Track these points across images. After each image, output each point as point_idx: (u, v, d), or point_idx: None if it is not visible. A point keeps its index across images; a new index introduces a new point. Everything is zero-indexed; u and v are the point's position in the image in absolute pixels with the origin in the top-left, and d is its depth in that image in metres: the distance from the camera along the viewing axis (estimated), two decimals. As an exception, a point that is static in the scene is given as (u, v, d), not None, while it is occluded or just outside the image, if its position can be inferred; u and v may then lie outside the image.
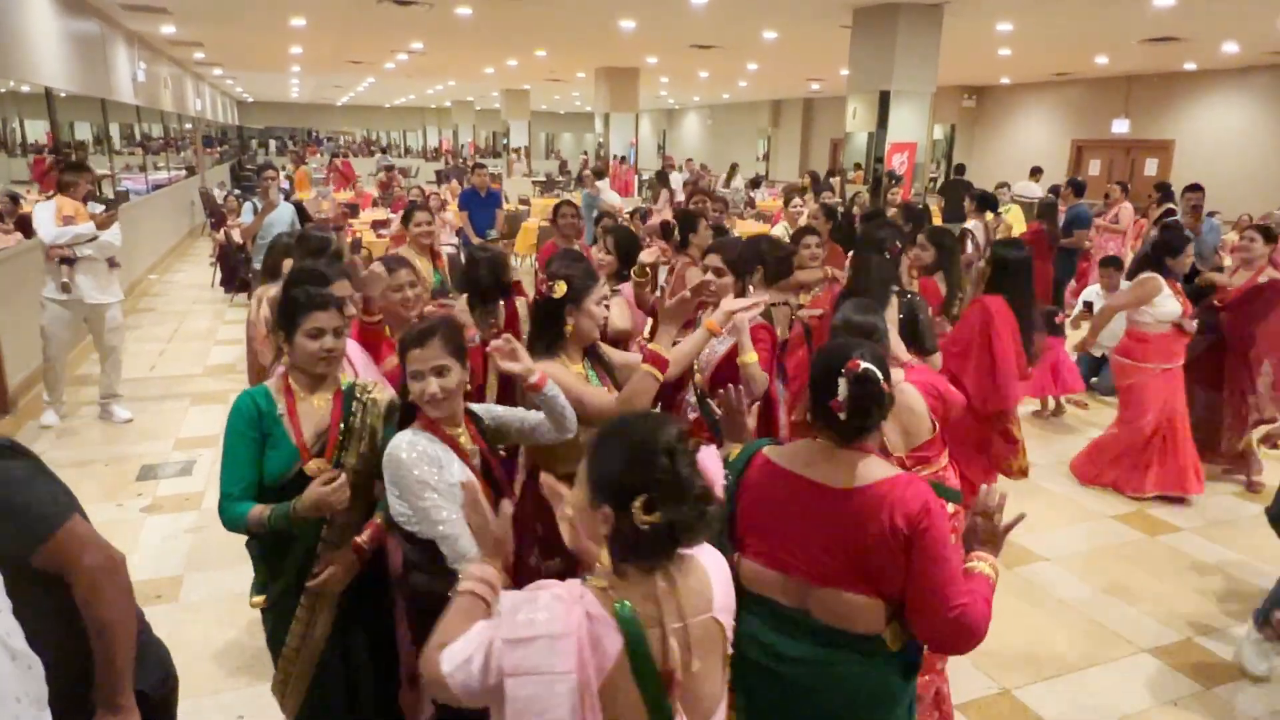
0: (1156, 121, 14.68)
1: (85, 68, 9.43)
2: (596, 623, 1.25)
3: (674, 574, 1.33)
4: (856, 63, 9.97)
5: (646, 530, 1.27)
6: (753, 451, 1.85)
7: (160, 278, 11.39)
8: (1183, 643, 3.49)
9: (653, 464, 1.29)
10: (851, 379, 1.65)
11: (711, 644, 1.36)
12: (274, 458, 2.13)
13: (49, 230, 5.22)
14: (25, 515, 1.47)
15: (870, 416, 1.69)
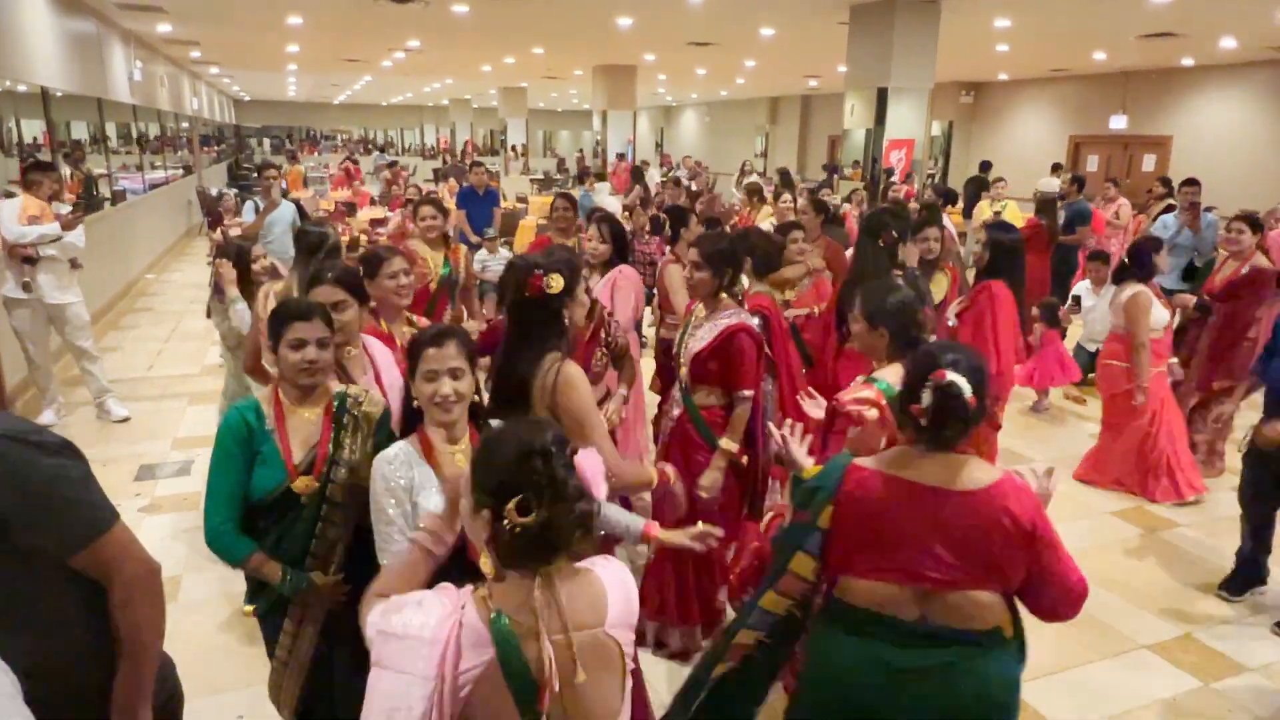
0: (1154, 117, 14.68)
1: (81, 67, 9.41)
2: (468, 631, 1.27)
3: (556, 584, 1.32)
4: (854, 59, 9.96)
5: (521, 533, 1.28)
6: (842, 467, 1.81)
7: (157, 277, 11.37)
8: (1182, 639, 3.50)
9: (528, 466, 1.30)
10: (935, 388, 1.68)
11: (601, 659, 1.33)
12: (263, 474, 2.08)
13: (12, 229, 5.16)
14: (74, 516, 1.47)
15: (948, 428, 1.71)
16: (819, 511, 1.80)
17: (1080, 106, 16.13)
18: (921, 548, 1.72)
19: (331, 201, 12.77)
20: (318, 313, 2.16)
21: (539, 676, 1.26)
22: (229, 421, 2.11)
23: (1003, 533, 1.70)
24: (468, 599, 1.32)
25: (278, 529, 2.11)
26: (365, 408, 2.21)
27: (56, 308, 5.51)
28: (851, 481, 1.79)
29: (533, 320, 2.33)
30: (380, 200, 13.72)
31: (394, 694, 1.25)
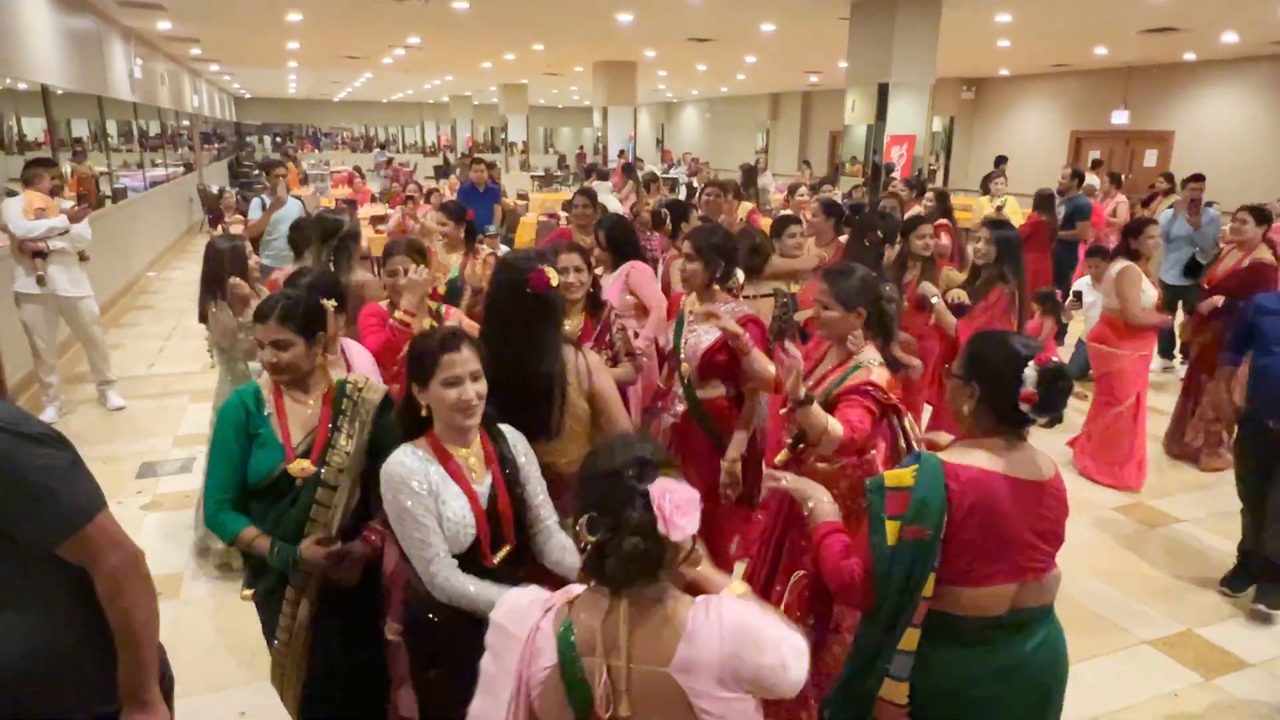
0: (1156, 112, 14.65)
1: (82, 65, 9.40)
2: (542, 635, 1.30)
3: (634, 612, 1.27)
4: (855, 55, 9.94)
5: (588, 550, 1.27)
6: (938, 468, 1.71)
7: (158, 275, 11.37)
8: (1183, 634, 3.50)
9: (599, 483, 1.29)
10: (1041, 372, 1.66)
11: (657, 699, 1.25)
12: (260, 457, 2.12)
13: (20, 224, 5.22)
14: (59, 505, 1.48)
15: (1060, 408, 1.72)
16: (939, 522, 1.68)
17: (1081, 101, 16.09)
18: (1025, 542, 1.74)
19: (332, 199, 12.76)
20: (274, 315, 2.15)
21: (595, 691, 1.25)
22: (227, 407, 2.16)
23: (1064, 515, 1.82)
24: (557, 603, 1.33)
25: (275, 511, 2.13)
26: (365, 394, 2.24)
27: (69, 301, 5.59)
28: (963, 484, 1.69)
29: (538, 316, 2.33)
30: (381, 197, 13.71)
31: (491, 675, 1.34)
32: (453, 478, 1.88)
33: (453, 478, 1.88)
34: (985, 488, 1.69)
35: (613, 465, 1.29)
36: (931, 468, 1.72)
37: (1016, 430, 1.75)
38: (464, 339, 1.93)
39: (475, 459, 1.94)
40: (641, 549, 1.24)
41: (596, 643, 1.26)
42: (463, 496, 1.87)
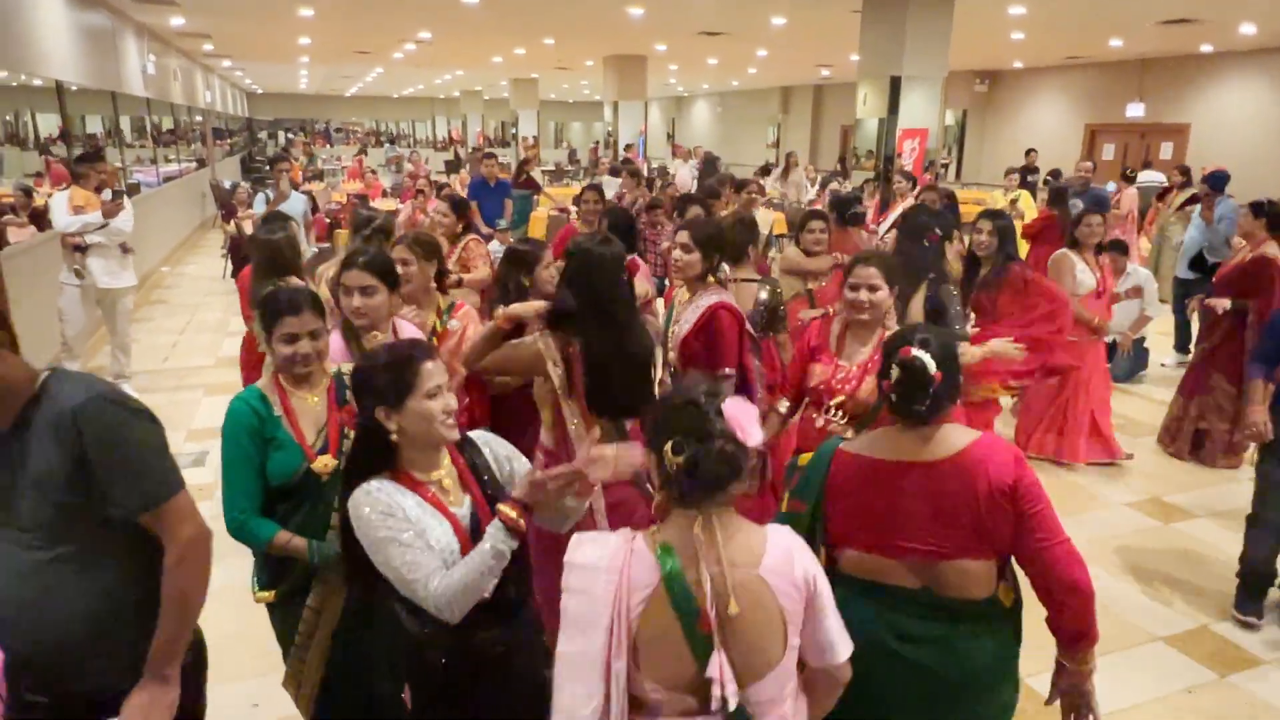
0: (1172, 105, 14.49)
1: (95, 61, 9.46)
2: (638, 558, 1.43)
3: (714, 526, 1.44)
4: (867, 48, 9.87)
5: (677, 471, 1.41)
6: (829, 453, 1.90)
7: (172, 270, 11.44)
8: (1197, 630, 3.47)
9: (680, 413, 1.45)
10: (901, 364, 1.77)
11: (756, 598, 1.42)
12: (280, 459, 2.10)
13: (61, 219, 5.54)
14: (154, 475, 1.63)
15: (914, 401, 1.77)
16: (816, 500, 1.88)
17: (1096, 94, 15.95)
18: (907, 521, 1.77)
19: (344, 193, 12.80)
20: (307, 304, 2.15)
21: (700, 601, 1.39)
22: (234, 412, 2.11)
23: (986, 492, 1.73)
24: (638, 535, 1.47)
25: (300, 511, 2.12)
26: None
27: (107, 292, 5.84)
28: (836, 468, 1.87)
29: (631, 299, 2.50)
30: (392, 192, 13.75)
31: (580, 614, 1.43)
32: (431, 504, 1.74)
33: (431, 504, 1.74)
34: (852, 470, 1.85)
35: (689, 396, 1.46)
36: (824, 452, 1.92)
37: (900, 414, 1.82)
38: (428, 348, 1.81)
39: (449, 479, 1.80)
40: (729, 452, 1.41)
41: (696, 554, 1.41)
42: (445, 522, 1.73)
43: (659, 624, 1.41)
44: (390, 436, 1.72)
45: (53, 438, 1.54)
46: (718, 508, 1.46)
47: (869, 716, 1.78)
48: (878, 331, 2.65)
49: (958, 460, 1.76)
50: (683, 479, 1.42)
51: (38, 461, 1.54)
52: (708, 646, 1.40)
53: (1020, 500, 1.72)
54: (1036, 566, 1.75)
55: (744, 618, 1.40)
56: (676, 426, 1.44)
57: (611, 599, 1.40)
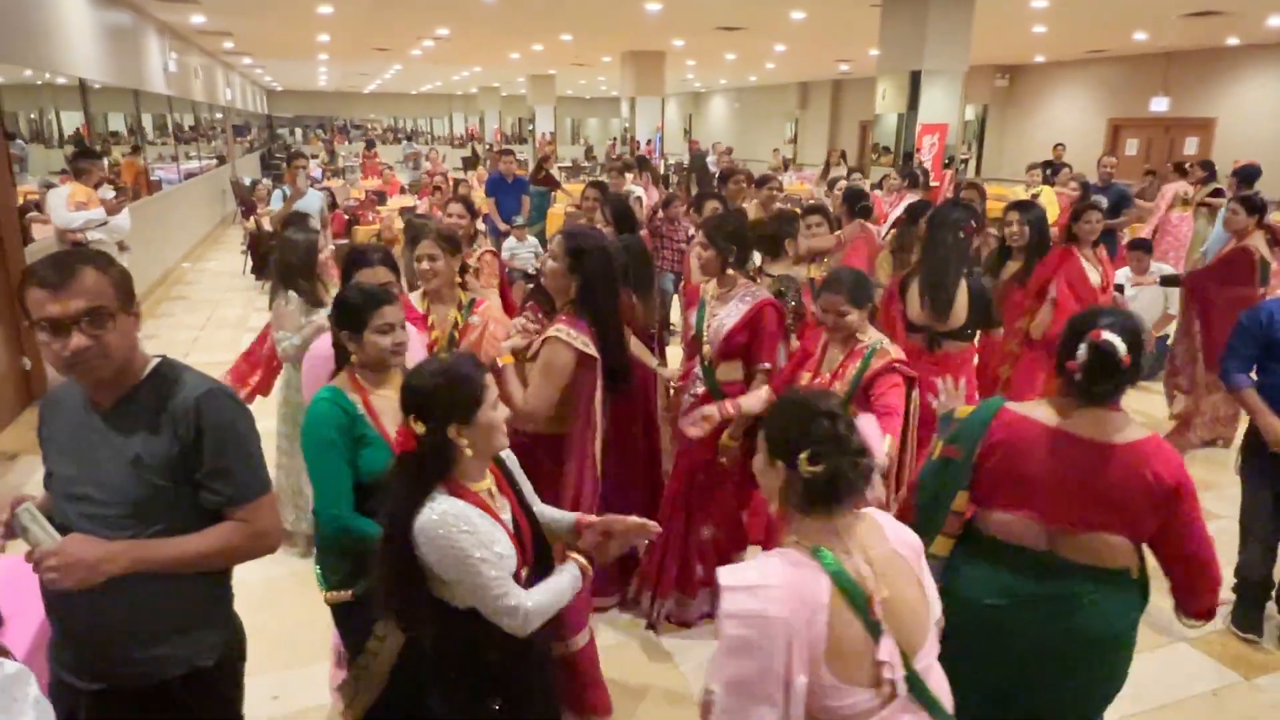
0: (1197, 99, 14.29)
1: (118, 59, 9.56)
2: (801, 570, 1.42)
3: (846, 517, 1.50)
4: (887, 42, 9.80)
5: (812, 479, 1.46)
6: (995, 408, 1.99)
7: (193, 266, 11.55)
8: (1222, 632, 3.42)
9: (816, 424, 1.48)
10: (1092, 346, 1.81)
11: (898, 573, 1.49)
12: (371, 456, 2.08)
13: (61, 215, 5.49)
14: (251, 473, 1.72)
15: (1100, 384, 1.84)
16: (971, 448, 1.95)
17: (1120, 88, 15.75)
18: (1064, 492, 1.86)
19: (361, 190, 12.87)
20: (395, 296, 2.23)
21: (865, 587, 1.42)
22: (322, 413, 2.08)
23: (1144, 487, 1.81)
24: (783, 550, 1.48)
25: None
26: None
27: None
28: (1003, 423, 1.94)
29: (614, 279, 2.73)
30: (410, 189, 13.81)
31: (753, 637, 1.38)
32: (488, 515, 1.75)
33: (488, 515, 1.75)
34: (1018, 430, 1.91)
35: (827, 407, 1.51)
36: (986, 406, 2.01)
37: (1080, 395, 1.87)
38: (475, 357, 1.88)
39: (493, 488, 1.83)
40: (867, 467, 1.49)
41: (848, 552, 1.46)
42: (501, 530, 1.74)
43: (842, 623, 1.41)
44: (465, 450, 1.71)
45: (167, 422, 1.63)
46: (846, 507, 1.50)
47: (983, 680, 1.87)
48: (851, 342, 2.75)
49: (1131, 449, 1.84)
50: (821, 488, 1.47)
51: (144, 442, 1.62)
52: (878, 630, 1.42)
53: (1180, 503, 1.83)
54: (1185, 566, 1.89)
55: (896, 595, 1.46)
56: (811, 437, 1.47)
57: (787, 616, 1.38)
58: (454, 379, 1.71)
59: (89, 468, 1.63)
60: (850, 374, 2.65)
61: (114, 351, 1.58)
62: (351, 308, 2.13)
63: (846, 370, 2.67)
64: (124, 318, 1.60)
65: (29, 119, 8.32)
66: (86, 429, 1.64)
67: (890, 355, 2.66)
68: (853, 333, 2.72)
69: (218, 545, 1.67)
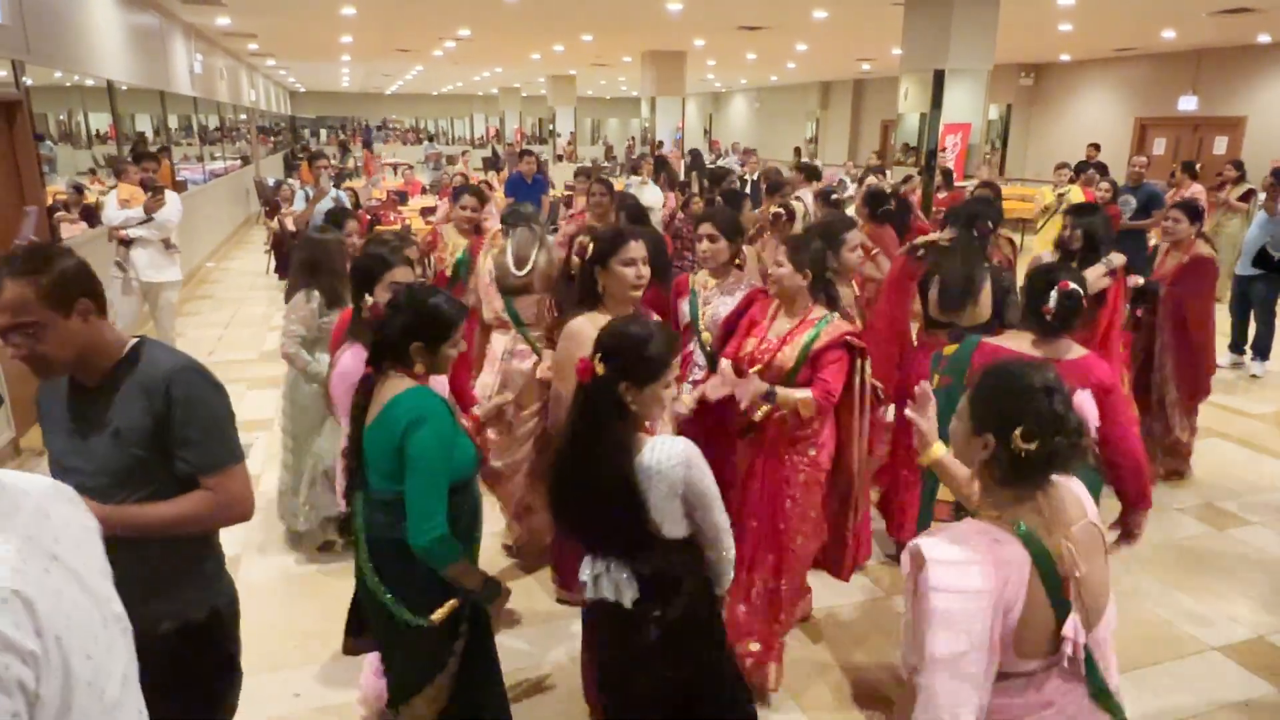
0: (1227, 98, 14.04)
1: (145, 61, 9.68)
2: (1003, 546, 1.45)
3: (1050, 492, 1.51)
4: (910, 41, 9.71)
5: (1025, 456, 1.46)
6: (975, 343, 2.58)
7: (217, 265, 11.68)
8: (1254, 641, 3.35)
9: (1032, 399, 1.48)
10: (1061, 293, 2.37)
11: (1093, 546, 1.53)
12: (461, 455, 2.05)
13: (108, 213, 5.78)
14: (220, 444, 1.81)
15: (1071, 322, 2.43)
16: (960, 375, 2.50)
17: (1147, 87, 15.51)
18: None
19: (383, 190, 12.95)
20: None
21: (1062, 568, 1.44)
22: (438, 409, 2.00)
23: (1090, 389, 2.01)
24: (983, 524, 1.51)
25: (464, 514, 2.08)
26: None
27: (150, 286, 6.01)
28: (983, 353, 2.51)
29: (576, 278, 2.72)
30: (431, 188, 13.87)
31: (959, 612, 1.40)
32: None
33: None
34: (993, 355, 2.42)
35: (1044, 382, 1.50)
36: (968, 343, 2.62)
37: (1047, 330, 2.45)
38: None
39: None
40: (1084, 446, 1.50)
41: (1050, 529, 1.47)
42: None
43: (1034, 601, 1.44)
44: (631, 407, 1.88)
45: (143, 396, 1.72)
46: (1050, 486, 1.52)
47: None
48: (803, 311, 2.87)
49: (1078, 363, 2.39)
50: (1036, 464, 1.48)
51: (122, 416, 1.72)
52: (1067, 609, 1.45)
53: (1112, 397, 2.35)
54: (1114, 446, 2.37)
55: (1089, 572, 1.48)
56: (1026, 412, 1.47)
57: (991, 590, 1.40)
58: (667, 346, 1.94)
59: (78, 441, 1.76)
60: (801, 340, 2.77)
61: (53, 359, 1.66)
62: (446, 320, 2.06)
63: (796, 337, 2.78)
64: (63, 324, 1.63)
65: (58, 120, 8.44)
66: (75, 406, 1.77)
67: (843, 328, 2.77)
68: (789, 295, 2.83)
69: (188, 512, 1.78)
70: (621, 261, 2.53)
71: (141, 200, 5.75)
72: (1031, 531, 1.46)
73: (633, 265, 2.58)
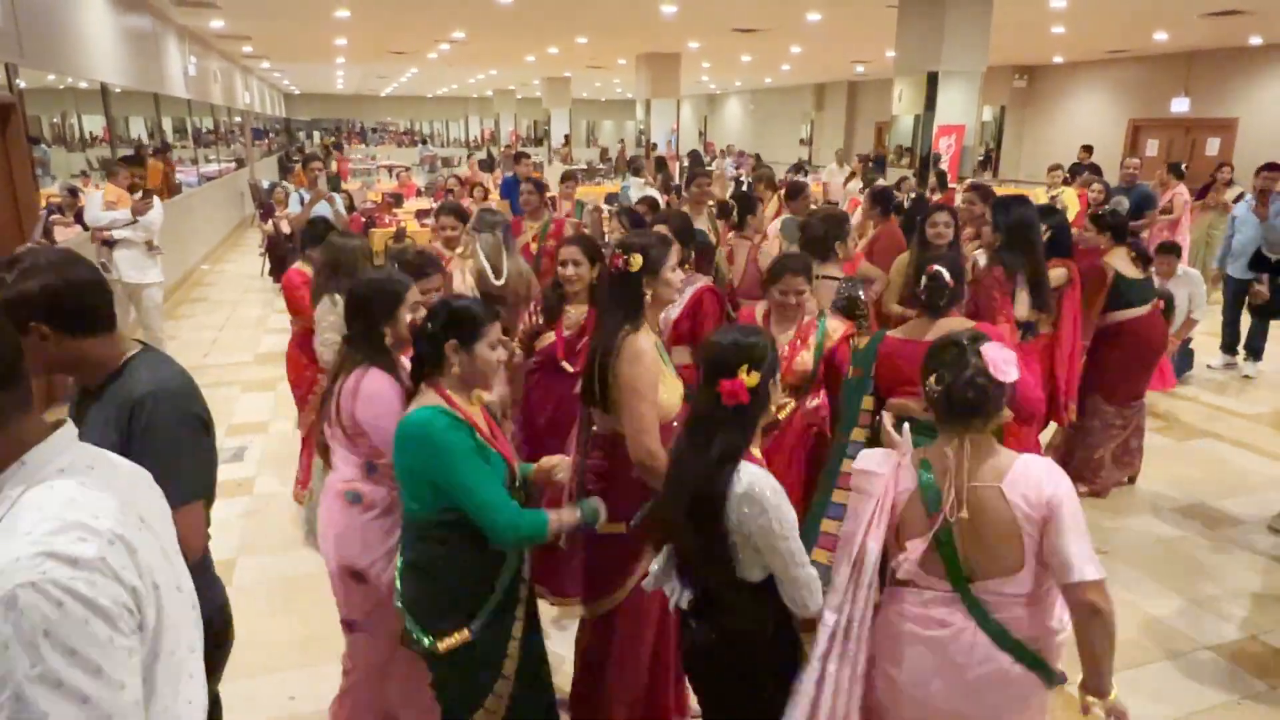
0: (1219, 99, 14.12)
1: (139, 63, 9.66)
2: (904, 471, 1.88)
3: (966, 447, 1.78)
4: (904, 43, 9.76)
5: (937, 398, 1.79)
6: (880, 338, 2.86)
7: (212, 268, 11.66)
8: (1247, 640, 3.37)
9: (943, 350, 1.83)
10: (929, 275, 2.75)
11: (990, 509, 1.76)
12: (494, 471, 2.05)
13: (93, 215, 5.81)
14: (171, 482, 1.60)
15: (940, 300, 2.75)
16: (869, 366, 2.82)
17: (1140, 89, 15.59)
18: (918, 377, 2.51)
19: (379, 193, 12.94)
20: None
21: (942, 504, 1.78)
22: (446, 424, 1.98)
23: None
24: (909, 453, 1.89)
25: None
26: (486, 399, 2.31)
27: (134, 287, 6.02)
28: (886, 345, 2.81)
29: (612, 291, 2.46)
30: (426, 191, 13.86)
31: (854, 509, 1.91)
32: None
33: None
34: (894, 348, 2.79)
35: (953, 338, 1.84)
36: (875, 338, 2.90)
37: (926, 310, 2.79)
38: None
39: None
40: (980, 384, 1.75)
41: (946, 468, 1.79)
42: None
43: (914, 514, 1.84)
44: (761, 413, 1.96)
45: (115, 415, 1.69)
46: (973, 433, 1.79)
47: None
48: (797, 317, 3.08)
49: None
50: (941, 404, 1.79)
51: (99, 430, 1.70)
52: (943, 534, 1.78)
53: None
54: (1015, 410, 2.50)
55: (976, 522, 1.76)
56: (939, 362, 1.80)
57: (878, 493, 1.85)
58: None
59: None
60: (813, 342, 3.03)
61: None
62: (471, 318, 2.04)
63: (808, 340, 3.04)
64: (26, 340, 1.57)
65: (51, 122, 8.42)
66: (77, 405, 1.80)
67: (843, 327, 3.11)
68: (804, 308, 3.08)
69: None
70: (671, 268, 2.46)
71: (128, 203, 5.80)
72: (927, 467, 1.84)
73: (675, 270, 2.56)
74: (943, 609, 1.83)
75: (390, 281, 2.46)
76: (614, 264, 2.37)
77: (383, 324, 2.36)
